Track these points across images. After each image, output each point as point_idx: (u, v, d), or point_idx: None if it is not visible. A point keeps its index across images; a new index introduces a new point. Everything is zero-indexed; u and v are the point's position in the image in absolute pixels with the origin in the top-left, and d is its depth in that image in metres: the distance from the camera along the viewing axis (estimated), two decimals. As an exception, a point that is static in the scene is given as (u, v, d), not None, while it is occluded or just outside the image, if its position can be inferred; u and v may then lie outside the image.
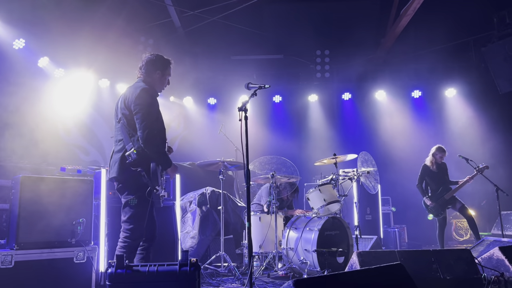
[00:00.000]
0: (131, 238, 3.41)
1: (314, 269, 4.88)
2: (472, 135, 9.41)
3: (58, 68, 7.75)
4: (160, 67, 3.72)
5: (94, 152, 8.54)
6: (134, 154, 3.35)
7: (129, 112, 3.49)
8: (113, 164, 3.52)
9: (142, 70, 3.72)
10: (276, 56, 9.87)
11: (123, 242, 3.42)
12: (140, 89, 3.49)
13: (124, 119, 3.51)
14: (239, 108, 3.45)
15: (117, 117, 3.62)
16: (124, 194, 3.50)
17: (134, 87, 3.59)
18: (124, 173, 3.44)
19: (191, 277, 2.69)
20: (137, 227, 3.42)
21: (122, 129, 3.51)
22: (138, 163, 3.38)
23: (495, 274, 3.62)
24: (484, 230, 9.12)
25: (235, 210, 6.75)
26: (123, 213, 3.50)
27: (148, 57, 3.73)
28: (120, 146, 3.51)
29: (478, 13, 8.43)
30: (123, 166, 3.44)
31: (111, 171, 3.54)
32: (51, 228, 3.98)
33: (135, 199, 3.44)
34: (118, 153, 3.50)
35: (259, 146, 8.83)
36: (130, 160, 3.37)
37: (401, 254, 3.60)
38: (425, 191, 6.81)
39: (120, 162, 3.45)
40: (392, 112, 9.97)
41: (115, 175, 3.47)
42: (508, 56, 8.23)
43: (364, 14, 8.30)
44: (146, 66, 3.70)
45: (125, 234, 3.42)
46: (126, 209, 3.47)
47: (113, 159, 3.56)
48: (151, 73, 3.70)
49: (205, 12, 8.42)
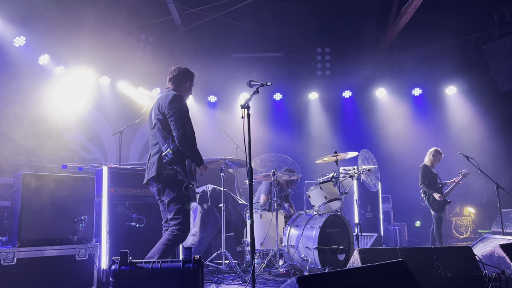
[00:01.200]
0: (182, 231, 3.65)
1: (315, 267, 4.88)
2: (473, 133, 9.42)
3: (59, 65, 7.75)
4: (189, 78, 4.07)
5: (95, 149, 8.54)
6: (170, 154, 3.63)
7: (163, 116, 3.77)
8: (151, 166, 3.78)
9: (172, 81, 4.02)
10: (277, 54, 9.86)
11: (172, 233, 3.62)
12: (172, 95, 3.80)
13: (158, 124, 3.80)
14: (241, 106, 3.47)
15: (151, 124, 3.91)
16: (165, 194, 3.73)
17: (166, 95, 3.87)
18: (162, 173, 3.69)
19: (195, 273, 2.70)
20: (184, 221, 3.68)
21: (157, 133, 3.80)
22: (174, 162, 3.66)
23: (496, 271, 3.63)
24: (484, 227, 9.16)
25: (236, 208, 6.75)
26: (168, 213, 3.73)
27: (177, 69, 4.03)
28: (156, 149, 3.80)
29: (479, 11, 8.42)
30: (161, 166, 3.71)
31: (149, 173, 3.78)
32: (53, 226, 4.00)
33: (186, 202, 3.72)
34: (155, 155, 3.79)
35: (260, 143, 8.84)
36: (166, 159, 3.65)
37: (402, 251, 3.60)
38: (432, 188, 6.84)
39: (158, 162, 3.72)
40: (393, 110, 9.97)
41: (154, 174, 3.71)
42: (508, 54, 8.22)
43: (365, 12, 8.29)
44: (176, 77, 4.01)
45: (175, 227, 3.64)
46: (170, 207, 3.71)
47: (151, 161, 3.82)
48: (181, 83, 4.02)
49: (205, 10, 8.40)
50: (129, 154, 8.92)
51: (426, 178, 6.89)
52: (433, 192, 6.75)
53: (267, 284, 4.59)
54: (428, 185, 6.84)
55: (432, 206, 6.76)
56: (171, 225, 3.68)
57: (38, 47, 7.38)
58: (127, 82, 8.96)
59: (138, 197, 4.81)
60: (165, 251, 3.52)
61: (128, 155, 8.89)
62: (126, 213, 4.64)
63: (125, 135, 6.14)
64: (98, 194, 4.48)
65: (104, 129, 8.58)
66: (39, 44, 7.33)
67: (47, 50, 7.52)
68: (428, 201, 6.80)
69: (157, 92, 9.32)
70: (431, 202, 6.76)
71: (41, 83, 7.38)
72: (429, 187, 6.82)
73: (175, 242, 3.62)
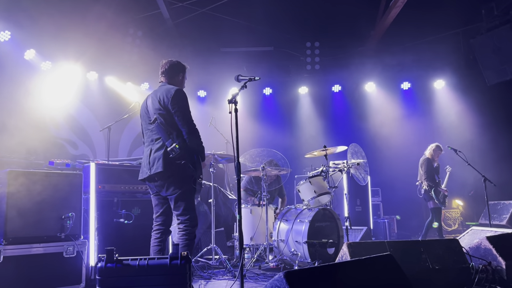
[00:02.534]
0: (191, 226, 3.63)
1: (304, 261, 4.90)
2: (461, 125, 9.50)
3: (45, 60, 7.65)
4: (181, 71, 4.03)
5: (83, 145, 8.46)
6: (177, 149, 3.58)
7: (166, 111, 3.71)
8: (155, 161, 3.67)
9: (164, 75, 3.97)
10: (266, 48, 9.82)
11: (184, 231, 3.61)
12: (175, 90, 3.75)
13: (161, 119, 3.72)
14: (229, 101, 3.44)
15: (149, 118, 3.81)
16: (171, 189, 3.66)
17: (165, 89, 3.79)
18: (170, 167, 3.61)
19: (182, 270, 2.69)
20: (193, 216, 3.67)
21: (159, 128, 3.71)
22: (181, 157, 3.61)
23: (482, 263, 3.67)
24: (472, 219, 9.27)
25: (226, 203, 6.75)
26: (175, 209, 3.67)
27: (169, 62, 3.98)
28: (160, 144, 3.70)
29: (467, 5, 8.46)
30: (168, 161, 3.62)
31: (153, 168, 3.67)
32: (40, 223, 3.96)
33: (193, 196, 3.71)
34: (159, 150, 3.68)
35: (250, 138, 8.82)
36: (173, 154, 3.59)
37: (390, 244, 3.63)
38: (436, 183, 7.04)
39: (164, 158, 3.63)
40: (382, 104, 10.01)
41: (160, 169, 3.61)
42: (496, 47, 8.29)
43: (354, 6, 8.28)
44: (169, 70, 3.96)
45: (185, 224, 3.63)
46: (178, 203, 3.65)
47: (154, 156, 3.70)
48: (174, 76, 3.97)
49: (194, 4, 8.32)
50: (118, 150, 8.85)
51: (430, 172, 7.03)
52: (436, 187, 6.93)
53: (257, 279, 4.60)
54: (432, 179, 7.00)
55: (438, 199, 6.88)
56: (180, 221, 3.64)
57: (24, 42, 7.27)
58: (115, 77, 8.87)
59: (127, 193, 4.78)
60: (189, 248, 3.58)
61: (117, 151, 8.82)
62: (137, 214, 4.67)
63: (114, 131, 6.09)
64: (85, 190, 4.44)
65: (92, 125, 8.49)
66: (24, 39, 7.22)
67: (33, 45, 7.41)
68: (435, 193, 6.90)
69: (145, 87, 9.24)
70: (438, 195, 6.88)
71: (27, 78, 7.27)
72: (435, 182, 7.00)
73: (191, 239, 3.62)
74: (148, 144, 3.81)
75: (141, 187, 4.86)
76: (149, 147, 3.77)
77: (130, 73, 8.87)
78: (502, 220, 7.86)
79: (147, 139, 3.83)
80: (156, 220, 3.83)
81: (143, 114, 3.92)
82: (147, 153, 3.78)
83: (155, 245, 3.72)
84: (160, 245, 3.73)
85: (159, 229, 3.78)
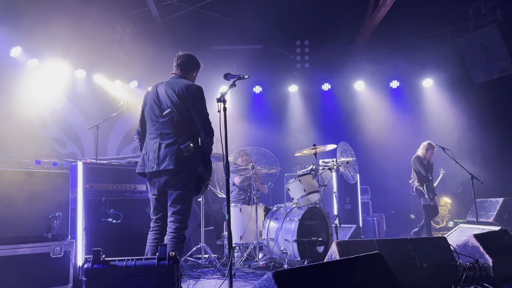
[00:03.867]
0: (182, 227, 3.56)
1: (294, 259, 4.91)
2: (449, 124, 9.59)
3: (32, 58, 7.53)
4: (197, 67, 3.99)
5: (71, 144, 8.36)
6: (192, 148, 3.53)
7: (185, 107, 3.62)
8: (166, 157, 3.54)
9: (180, 67, 3.89)
10: (256, 46, 9.80)
11: (175, 232, 3.53)
12: (196, 87, 3.70)
13: (177, 114, 3.61)
14: (217, 99, 3.42)
15: (159, 110, 3.67)
16: (175, 186, 3.58)
17: (184, 84, 3.70)
18: (181, 165, 3.54)
19: (170, 270, 2.67)
20: (187, 217, 3.62)
21: (171, 122, 3.59)
22: (194, 156, 3.55)
23: (470, 260, 3.71)
24: (459, 217, 9.37)
25: (216, 202, 6.73)
26: (172, 205, 3.59)
27: (187, 56, 3.92)
28: (172, 140, 3.58)
29: (455, 4, 8.53)
30: (181, 159, 3.53)
31: (162, 164, 3.54)
32: (26, 223, 3.89)
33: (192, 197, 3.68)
34: (171, 146, 3.56)
35: (239, 137, 8.81)
36: (187, 153, 3.52)
37: (379, 243, 3.64)
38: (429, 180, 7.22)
39: (177, 155, 3.53)
40: (371, 102, 10.06)
41: (172, 167, 3.51)
42: (483, 46, 8.37)
43: (343, 5, 8.30)
44: (185, 64, 3.89)
45: (177, 225, 3.54)
46: (178, 201, 3.58)
47: (165, 152, 3.56)
48: (189, 71, 3.92)
49: (183, 1, 8.27)
50: (106, 149, 8.77)
51: (420, 169, 7.17)
52: (427, 181, 7.07)
53: (247, 278, 4.59)
54: (422, 176, 7.18)
55: (428, 194, 7.01)
56: (173, 220, 3.54)
57: (10, 39, 7.15)
58: (103, 75, 8.77)
59: (115, 192, 4.73)
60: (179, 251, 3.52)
61: (106, 150, 8.74)
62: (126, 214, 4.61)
63: (102, 129, 6.02)
64: (73, 190, 4.39)
65: (80, 123, 8.39)
66: (11, 36, 7.10)
67: (19, 42, 7.29)
68: (427, 188, 7.00)
69: (134, 85, 9.16)
70: (429, 190, 6.97)
71: (14, 76, 7.17)
72: (423, 178, 7.16)
73: (182, 240, 3.55)
74: (155, 137, 3.65)
75: (130, 186, 4.83)
76: (157, 140, 3.61)
77: (118, 71, 8.77)
78: (489, 217, 7.97)
79: (154, 131, 3.67)
80: (156, 221, 3.70)
81: (151, 104, 3.74)
82: (154, 147, 3.61)
83: (152, 245, 3.62)
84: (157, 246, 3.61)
85: (158, 230, 3.67)
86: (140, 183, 4.90)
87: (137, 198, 4.92)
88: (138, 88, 9.16)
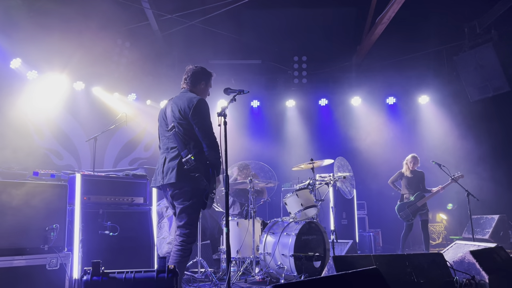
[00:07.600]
0: (188, 242, 3.57)
1: (291, 274, 4.90)
2: (444, 141, 9.65)
3: (31, 70, 7.57)
4: (204, 78, 3.99)
5: (68, 156, 8.35)
6: (192, 160, 3.53)
7: (186, 121, 3.66)
8: (169, 171, 3.62)
9: (187, 81, 3.94)
10: (255, 61, 9.90)
11: (181, 246, 3.55)
12: (197, 99, 3.70)
13: (179, 128, 3.68)
14: (218, 114, 3.46)
15: (167, 126, 3.78)
16: (180, 200, 3.61)
17: (186, 98, 3.74)
18: (183, 179, 3.57)
19: (169, 283, 2.67)
20: (193, 231, 3.63)
21: (176, 137, 3.67)
22: (196, 169, 3.55)
23: (466, 277, 3.71)
24: (455, 234, 9.38)
25: (212, 215, 6.72)
26: (178, 219, 3.63)
27: (193, 69, 3.96)
28: (175, 154, 3.66)
29: (451, 23, 8.69)
30: (182, 172, 3.57)
31: (166, 178, 3.62)
32: (23, 235, 3.87)
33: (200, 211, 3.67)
34: (174, 160, 3.64)
35: (237, 151, 8.82)
36: (188, 166, 3.54)
37: (376, 258, 3.65)
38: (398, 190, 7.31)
39: (178, 168, 3.59)
40: (368, 118, 10.13)
41: (173, 181, 3.57)
42: (478, 65, 8.50)
43: (341, 22, 8.44)
44: (192, 77, 3.94)
45: (182, 239, 3.57)
46: (183, 214, 3.60)
47: (168, 166, 3.65)
48: (196, 84, 3.94)
49: (183, 16, 8.37)
50: (103, 161, 8.76)
51: (396, 180, 7.40)
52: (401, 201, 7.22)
53: (243, 292, 4.57)
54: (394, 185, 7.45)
55: (400, 214, 7.18)
56: (178, 233, 3.58)
57: (10, 51, 7.20)
58: (102, 88, 8.81)
59: (112, 204, 4.73)
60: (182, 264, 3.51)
61: (103, 162, 8.73)
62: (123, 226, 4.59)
63: (100, 142, 6.04)
64: (70, 202, 4.38)
65: (78, 135, 8.40)
66: (11, 47, 7.15)
67: (19, 54, 7.33)
68: (397, 209, 7.18)
69: (133, 98, 9.20)
70: (399, 210, 7.15)
71: (13, 87, 7.20)
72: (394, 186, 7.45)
73: (187, 255, 3.57)
74: (163, 152, 3.77)
75: (127, 198, 4.82)
76: (164, 155, 3.73)
77: (117, 84, 8.82)
78: (485, 234, 7.99)
79: (163, 147, 3.80)
80: None
81: (161, 121, 3.89)
82: (161, 161, 3.73)
83: None
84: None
85: None
86: (138, 195, 4.90)
87: (135, 211, 4.90)
88: (136, 101, 9.20)
